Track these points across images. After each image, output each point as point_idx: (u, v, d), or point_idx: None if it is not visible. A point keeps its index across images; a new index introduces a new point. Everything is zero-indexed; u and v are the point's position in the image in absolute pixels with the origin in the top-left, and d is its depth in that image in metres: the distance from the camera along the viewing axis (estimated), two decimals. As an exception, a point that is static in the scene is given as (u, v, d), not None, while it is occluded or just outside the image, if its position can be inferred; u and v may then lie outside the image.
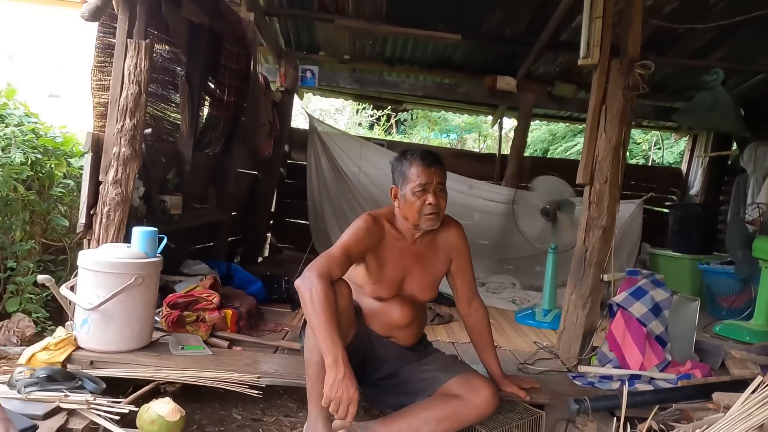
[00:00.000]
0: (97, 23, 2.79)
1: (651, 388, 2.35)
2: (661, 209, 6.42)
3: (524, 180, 5.43)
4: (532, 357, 2.85)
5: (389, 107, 9.21)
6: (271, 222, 6.14)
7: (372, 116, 12.75)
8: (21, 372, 2.02)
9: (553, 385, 2.43)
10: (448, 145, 14.61)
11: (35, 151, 3.32)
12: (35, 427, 1.63)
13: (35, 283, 3.07)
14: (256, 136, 4.58)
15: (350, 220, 2.15)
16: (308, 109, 7.34)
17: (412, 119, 13.31)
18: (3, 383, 2.04)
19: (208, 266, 3.41)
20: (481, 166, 6.29)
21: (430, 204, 2.04)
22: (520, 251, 5.06)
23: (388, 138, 11.59)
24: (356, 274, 2.13)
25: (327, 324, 1.74)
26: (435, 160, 2.09)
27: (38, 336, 2.96)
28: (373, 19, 4.65)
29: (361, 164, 5.43)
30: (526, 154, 6.29)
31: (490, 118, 6.95)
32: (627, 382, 2.31)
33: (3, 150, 3.13)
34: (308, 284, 1.79)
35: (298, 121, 7.52)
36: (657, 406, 2.08)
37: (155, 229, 2.43)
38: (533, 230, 3.89)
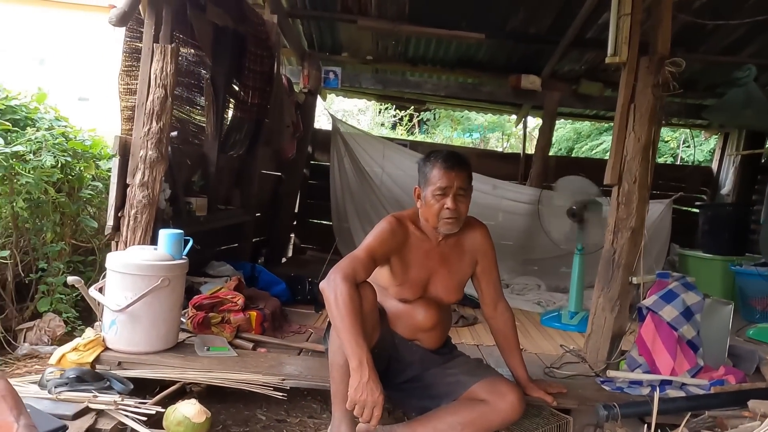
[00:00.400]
0: (124, 28, 2.83)
1: (683, 394, 2.28)
2: (691, 209, 6.28)
3: (549, 180, 5.36)
4: (559, 361, 2.81)
5: (412, 107, 9.19)
6: (295, 223, 6.17)
7: (394, 116, 12.74)
8: (51, 372, 2.05)
9: (580, 390, 2.38)
10: (471, 145, 14.56)
11: (65, 154, 3.38)
12: (65, 427, 1.66)
13: (65, 284, 3.12)
14: (280, 137, 4.60)
15: (373, 221, 2.14)
16: (331, 110, 7.36)
17: (434, 119, 13.28)
18: (34, 383, 2.07)
19: (233, 267, 3.44)
20: (505, 166, 6.24)
21: (448, 209, 2.02)
22: (545, 252, 4.99)
23: (411, 138, 11.58)
24: (380, 276, 2.12)
25: (352, 327, 1.73)
26: (457, 163, 2.05)
27: (68, 335, 3.01)
28: (396, 19, 4.64)
29: (384, 164, 5.42)
30: (551, 153, 6.21)
31: (514, 117, 6.87)
32: (658, 388, 2.25)
33: (34, 153, 3.19)
34: (333, 286, 1.79)
35: (322, 122, 7.56)
36: (689, 414, 2.02)
37: (181, 231, 2.46)
38: (559, 232, 3.83)
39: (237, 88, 4.00)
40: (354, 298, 1.77)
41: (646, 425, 2.02)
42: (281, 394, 2.23)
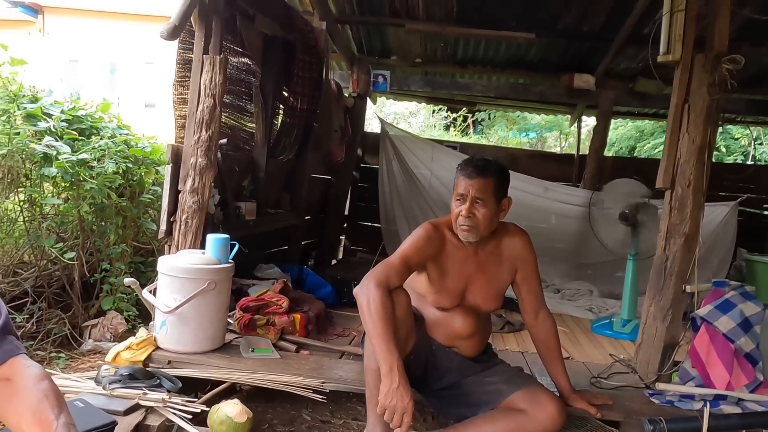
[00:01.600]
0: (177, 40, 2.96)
1: (739, 410, 2.16)
2: (762, 212, 5.93)
3: (605, 181, 5.18)
4: (607, 370, 2.72)
5: (464, 108, 9.12)
6: (345, 225, 6.25)
7: (447, 117, 12.67)
8: (107, 369, 2.17)
9: (627, 403, 2.30)
10: (527, 145, 14.29)
11: (126, 160, 3.58)
12: (114, 423, 1.75)
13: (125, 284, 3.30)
14: (329, 141, 4.67)
15: (421, 224, 2.13)
16: (382, 113, 7.41)
17: (489, 119, 13.12)
18: (92, 379, 2.20)
19: (281, 270, 3.52)
20: (559, 167, 6.09)
21: (461, 215, 2.00)
22: (599, 256, 4.82)
23: (464, 140, 11.47)
24: (418, 284, 2.12)
25: (383, 333, 1.74)
26: (476, 171, 2.01)
27: (129, 332, 3.18)
28: (444, 21, 4.61)
29: (432, 167, 5.41)
30: (611, 153, 6.01)
31: (569, 117, 6.70)
32: (709, 403, 2.14)
33: (98, 161, 3.40)
34: (366, 292, 1.81)
35: (373, 125, 7.62)
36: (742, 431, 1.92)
37: (227, 236, 2.54)
38: (612, 237, 3.71)
39: (286, 94, 4.09)
40: (386, 304, 1.78)
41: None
42: (321, 396, 2.27)
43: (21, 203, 3.36)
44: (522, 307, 2.25)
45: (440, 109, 11.83)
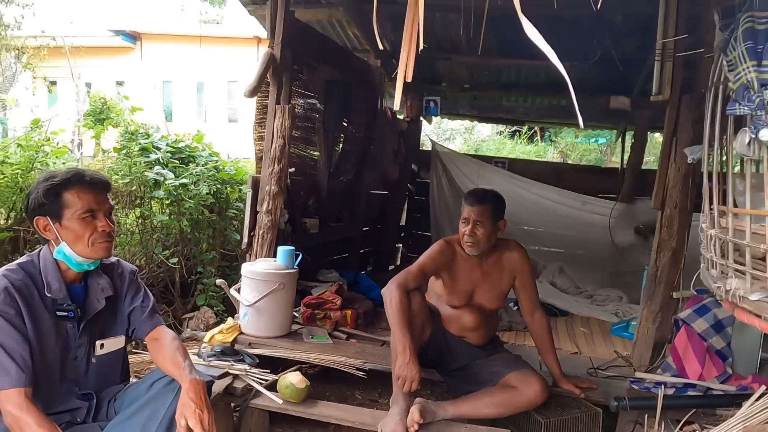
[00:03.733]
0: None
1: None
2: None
3: (646, 195, 5.49)
4: (607, 363, 3.19)
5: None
6: (402, 234, 6.88)
7: (502, 133, 12.99)
8: (205, 347, 2.92)
9: (612, 388, 2.78)
10: (597, 151, 14.37)
11: (216, 182, 4.41)
12: (212, 381, 2.47)
13: (216, 284, 4.09)
14: (383, 163, 5.34)
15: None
16: (440, 129, 7.99)
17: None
18: (194, 354, 2.97)
19: (339, 274, 4.20)
20: (604, 181, 6.36)
21: (466, 234, 2.58)
22: (633, 266, 5.16)
23: (530, 147, 11.70)
24: (436, 287, 2.74)
25: (400, 322, 2.36)
26: (476, 200, 2.58)
27: (218, 324, 3.96)
28: (485, 53, 5.15)
29: (479, 183, 5.91)
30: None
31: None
32: (663, 387, 2.55)
33: (194, 184, 4.24)
34: (389, 292, 2.43)
35: (429, 143, 8.23)
36: (693, 410, 2.39)
37: (293, 247, 3.25)
38: (626, 246, 4.12)
39: (346, 125, 4.79)
40: (403, 301, 2.40)
41: (671, 421, 2.41)
42: (363, 373, 2.90)
43: (137, 219, 4.26)
44: (521, 308, 2.81)
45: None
